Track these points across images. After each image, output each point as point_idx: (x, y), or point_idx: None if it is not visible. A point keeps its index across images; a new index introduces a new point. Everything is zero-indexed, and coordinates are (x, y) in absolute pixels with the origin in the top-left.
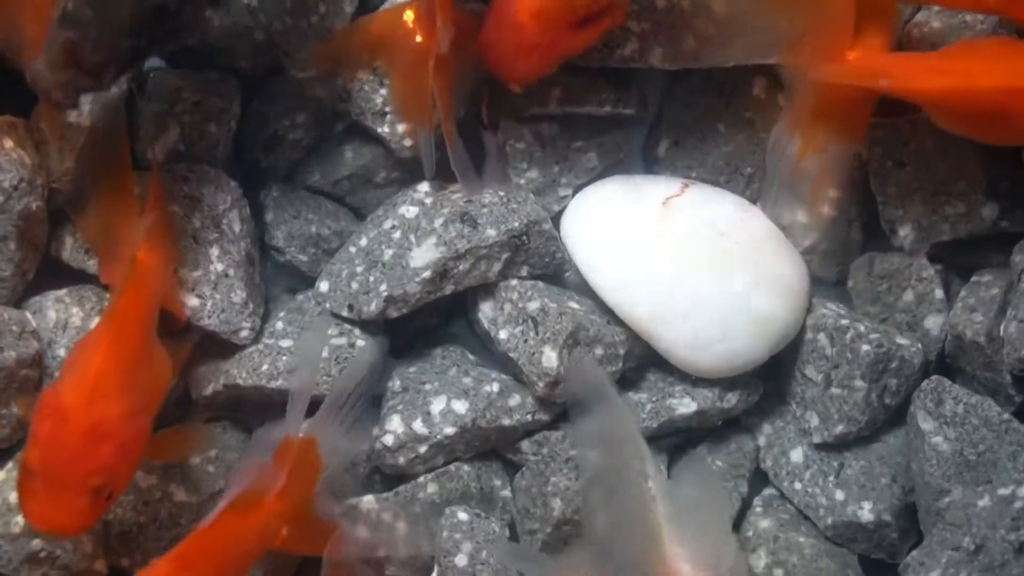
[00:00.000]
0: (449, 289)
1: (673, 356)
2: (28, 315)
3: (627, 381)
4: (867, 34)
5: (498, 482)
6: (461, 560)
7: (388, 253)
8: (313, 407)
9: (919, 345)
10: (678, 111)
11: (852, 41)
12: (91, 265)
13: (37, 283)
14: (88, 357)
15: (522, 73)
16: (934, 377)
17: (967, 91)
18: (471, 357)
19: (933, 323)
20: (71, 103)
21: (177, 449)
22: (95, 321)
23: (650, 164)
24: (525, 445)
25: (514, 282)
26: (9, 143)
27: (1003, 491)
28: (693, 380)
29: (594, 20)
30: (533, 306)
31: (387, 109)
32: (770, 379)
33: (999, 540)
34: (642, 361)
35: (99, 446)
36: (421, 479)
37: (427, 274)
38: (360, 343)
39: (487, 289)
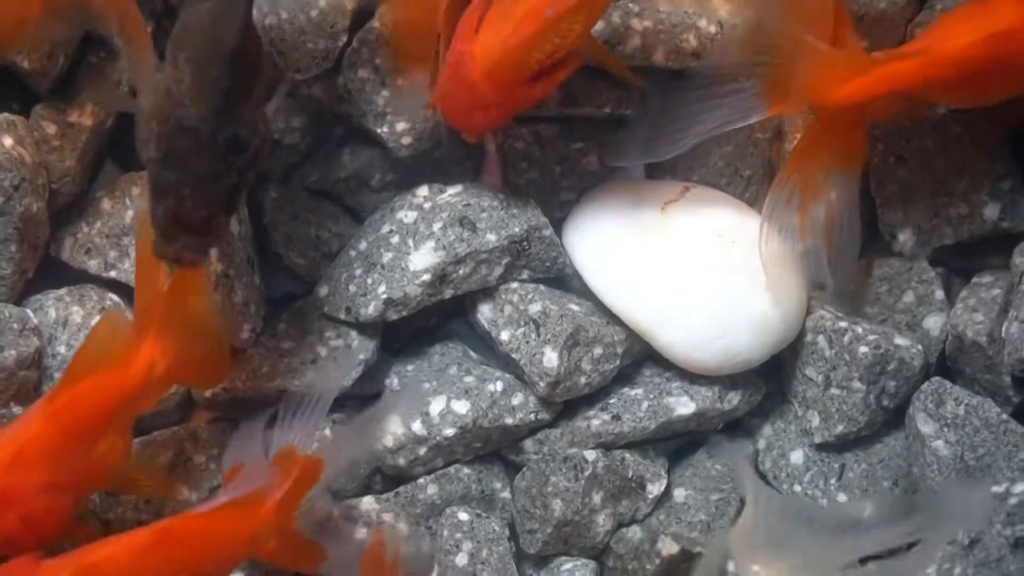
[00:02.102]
0: (448, 293)
1: (672, 355)
2: (29, 312)
3: (623, 377)
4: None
5: (498, 484)
6: (462, 559)
7: (387, 256)
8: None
9: (919, 346)
10: (664, 128)
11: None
12: (92, 265)
13: (37, 282)
14: (26, 421)
15: (477, 128)
16: (934, 379)
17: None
18: (473, 355)
19: (933, 323)
20: (203, 258)
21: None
22: (95, 320)
23: (652, 167)
24: (527, 444)
25: (514, 284)
26: (9, 142)
27: (997, 488)
28: (691, 378)
29: (548, 74)
30: (534, 308)
31: (388, 110)
32: (771, 381)
33: (994, 535)
34: (639, 357)
35: (2, 512)
36: (421, 480)
37: (426, 277)
38: (355, 343)
39: (486, 291)
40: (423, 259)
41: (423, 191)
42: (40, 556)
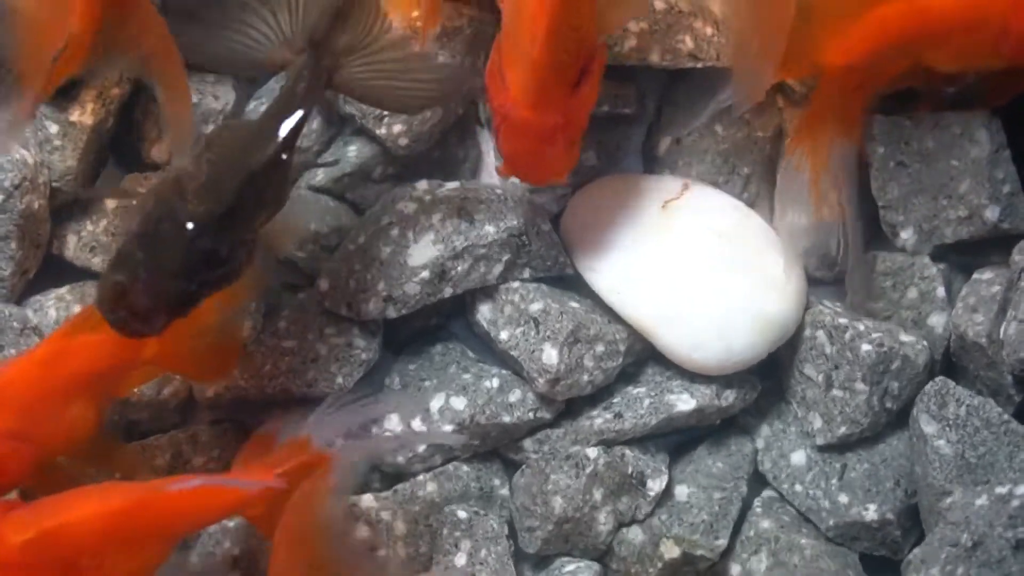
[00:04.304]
0: (448, 292)
1: (672, 354)
2: (29, 312)
3: (626, 376)
4: None
5: (497, 481)
6: (460, 559)
7: (386, 251)
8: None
9: (924, 343)
10: (677, 110)
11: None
12: (95, 263)
13: (39, 281)
14: (12, 362)
15: (560, 163)
16: (938, 379)
17: None
18: (471, 355)
19: (936, 321)
20: (133, 335)
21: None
22: None
23: (650, 163)
24: (527, 444)
25: (515, 284)
26: None
27: (1000, 489)
28: (691, 376)
29: (587, 74)
30: (535, 307)
31: (386, 113)
32: (768, 378)
33: (996, 537)
34: (641, 356)
35: None
36: (420, 478)
37: (425, 274)
38: (359, 342)
39: (486, 291)
40: (422, 253)
41: (422, 185)
42: (9, 504)
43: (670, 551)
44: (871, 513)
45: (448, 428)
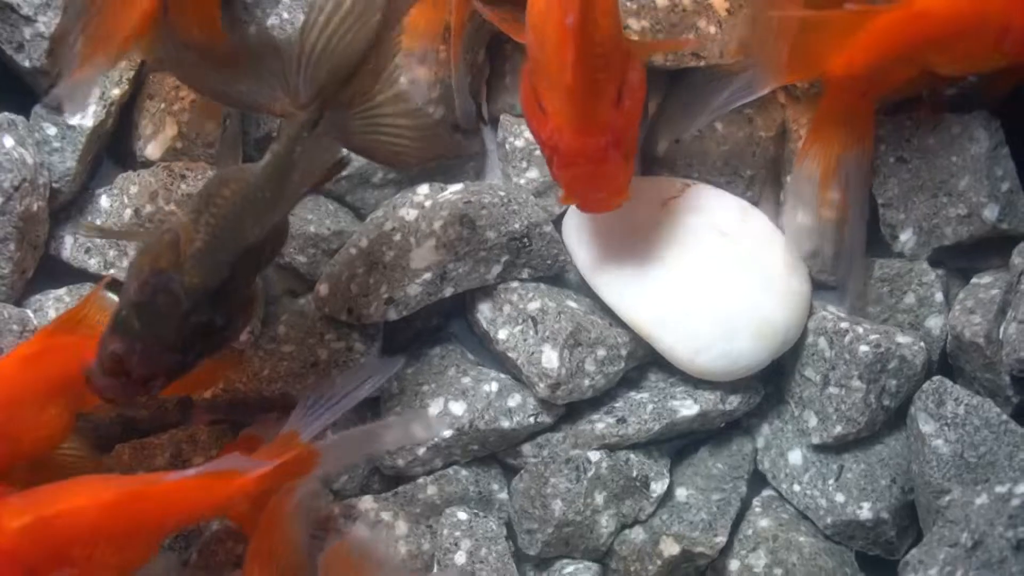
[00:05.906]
0: (448, 291)
1: (674, 357)
2: (29, 313)
3: (628, 381)
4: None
5: (496, 486)
6: (460, 558)
7: (389, 255)
8: None
9: (921, 344)
10: (677, 108)
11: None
12: (92, 264)
13: (37, 282)
14: None
15: (618, 180)
16: (936, 378)
17: None
18: (470, 357)
19: (934, 324)
20: (126, 403)
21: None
22: None
23: (649, 163)
24: (526, 448)
25: (514, 284)
26: (10, 142)
27: (1000, 489)
28: (695, 382)
29: (626, 87)
30: (533, 306)
31: None
32: (770, 382)
33: (997, 537)
34: (643, 361)
35: None
36: (421, 480)
37: (427, 276)
38: (359, 347)
39: (486, 290)
40: (424, 257)
41: (424, 189)
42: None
43: (670, 548)
44: (865, 512)
45: (447, 433)
